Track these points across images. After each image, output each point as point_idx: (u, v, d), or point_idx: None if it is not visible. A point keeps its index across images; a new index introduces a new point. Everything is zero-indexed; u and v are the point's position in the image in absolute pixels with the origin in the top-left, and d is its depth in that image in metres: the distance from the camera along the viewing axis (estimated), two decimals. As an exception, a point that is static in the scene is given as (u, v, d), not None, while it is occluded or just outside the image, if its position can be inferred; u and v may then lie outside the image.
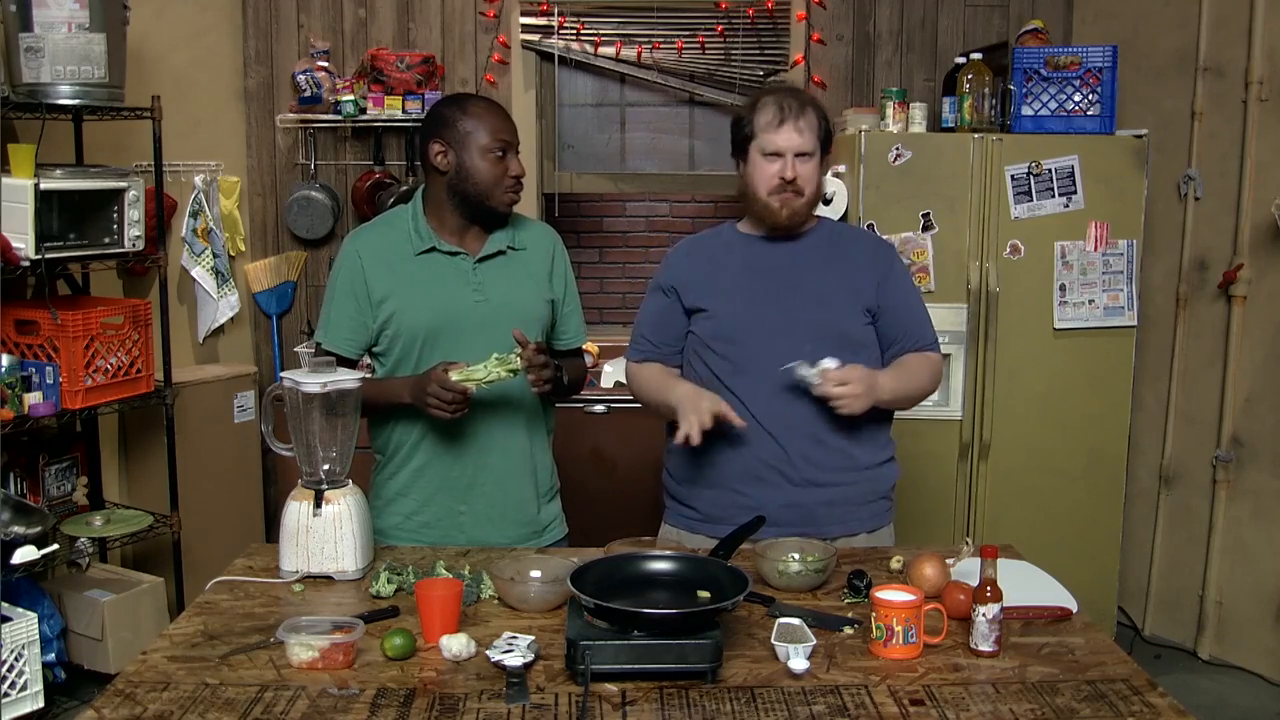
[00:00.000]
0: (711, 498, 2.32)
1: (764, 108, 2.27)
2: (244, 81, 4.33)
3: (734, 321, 2.30)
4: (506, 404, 2.31)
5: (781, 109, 2.25)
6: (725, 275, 2.34)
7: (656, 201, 5.01)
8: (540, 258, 2.38)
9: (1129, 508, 3.88)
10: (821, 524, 2.26)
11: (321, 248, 4.40)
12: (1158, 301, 3.96)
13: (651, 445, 3.83)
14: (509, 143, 2.27)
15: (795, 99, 2.28)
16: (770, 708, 1.58)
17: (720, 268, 2.35)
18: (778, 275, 2.32)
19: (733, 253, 2.37)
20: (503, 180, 2.26)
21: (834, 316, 2.29)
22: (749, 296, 2.31)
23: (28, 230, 2.98)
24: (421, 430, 2.31)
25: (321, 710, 1.56)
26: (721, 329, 2.31)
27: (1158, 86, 3.93)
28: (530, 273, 2.36)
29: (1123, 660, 1.76)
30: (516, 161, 2.28)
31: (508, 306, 2.29)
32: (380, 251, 2.30)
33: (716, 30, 4.29)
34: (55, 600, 3.26)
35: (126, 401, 3.34)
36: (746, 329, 2.28)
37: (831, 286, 2.32)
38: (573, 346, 2.48)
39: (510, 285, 2.32)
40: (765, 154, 2.26)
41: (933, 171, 3.57)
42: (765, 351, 2.25)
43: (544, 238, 2.42)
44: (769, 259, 2.34)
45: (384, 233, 2.34)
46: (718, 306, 2.32)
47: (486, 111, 2.28)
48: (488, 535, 2.32)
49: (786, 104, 2.26)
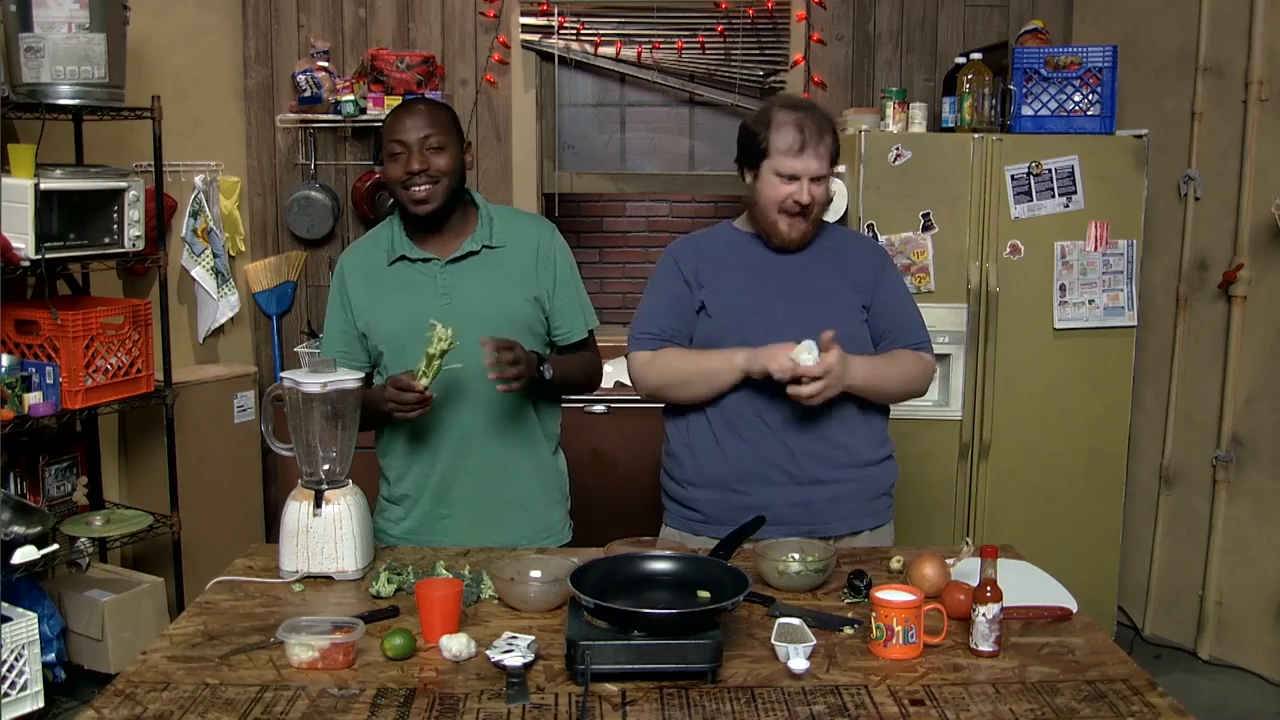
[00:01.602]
0: (714, 498, 2.32)
1: (783, 129, 2.22)
2: (244, 81, 4.33)
3: (738, 322, 2.30)
4: (483, 406, 2.29)
5: (803, 135, 2.21)
6: (729, 275, 2.34)
7: (656, 201, 5.01)
8: (523, 254, 2.33)
9: (1129, 508, 3.88)
10: (826, 521, 2.27)
11: (321, 248, 4.40)
12: (1158, 301, 3.96)
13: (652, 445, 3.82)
14: (402, 141, 2.21)
15: (814, 123, 2.23)
16: (770, 708, 1.58)
17: (724, 268, 2.35)
18: (780, 275, 2.32)
19: (735, 252, 2.37)
20: (399, 180, 2.23)
21: (835, 315, 2.29)
22: (752, 297, 2.31)
23: (28, 230, 2.97)
24: (408, 435, 2.32)
25: (321, 710, 1.56)
26: (725, 329, 2.30)
27: (1158, 86, 3.93)
28: (508, 271, 2.31)
29: (1123, 660, 1.76)
30: (417, 157, 2.20)
31: (477, 308, 2.25)
32: (361, 265, 2.34)
33: (716, 30, 4.28)
34: (55, 600, 3.26)
35: (126, 401, 3.34)
36: (751, 329, 2.27)
37: (831, 286, 2.33)
38: (571, 340, 2.41)
39: (481, 286, 2.28)
40: (779, 174, 2.24)
41: (933, 172, 3.57)
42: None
43: (530, 233, 2.36)
44: (770, 258, 2.34)
45: (367, 247, 2.37)
46: (722, 307, 2.32)
47: (394, 115, 2.27)
48: (471, 539, 2.32)
49: (808, 130, 2.21)
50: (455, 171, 2.26)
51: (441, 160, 2.23)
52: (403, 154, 2.22)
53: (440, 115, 2.27)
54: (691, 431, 2.35)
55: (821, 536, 2.17)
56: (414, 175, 2.21)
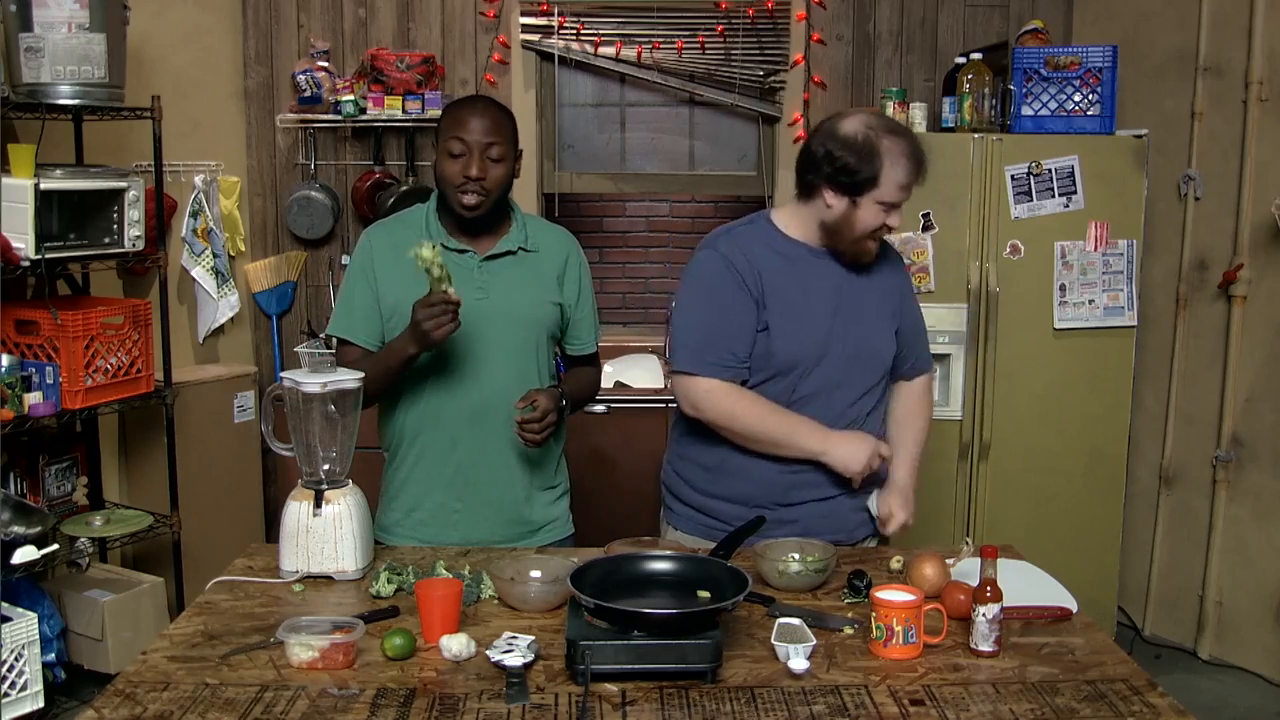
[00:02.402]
0: (744, 514, 2.24)
1: (898, 163, 2.16)
2: (244, 81, 4.32)
3: (804, 351, 2.24)
4: (504, 403, 2.30)
5: (919, 172, 2.19)
6: (791, 296, 2.25)
7: (656, 201, 5.00)
8: (553, 262, 2.38)
9: (1129, 508, 3.88)
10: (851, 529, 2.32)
11: (321, 248, 4.40)
12: (1158, 301, 3.96)
13: (652, 445, 3.84)
14: (465, 141, 2.21)
15: (924, 159, 2.20)
16: (770, 708, 1.58)
17: (785, 283, 2.25)
18: (839, 298, 2.28)
19: (793, 266, 2.27)
20: (454, 180, 2.23)
21: (874, 342, 2.30)
22: (818, 323, 2.25)
23: (28, 230, 2.97)
24: (418, 426, 2.32)
25: (321, 710, 1.56)
26: (789, 358, 2.24)
27: (1158, 86, 3.93)
28: (539, 275, 2.35)
29: (1123, 660, 1.76)
30: (477, 162, 2.20)
31: (510, 306, 2.29)
32: (393, 246, 2.29)
33: (716, 30, 4.28)
34: (55, 600, 3.26)
35: (126, 401, 3.34)
36: (813, 359, 2.24)
37: (872, 309, 2.31)
38: (585, 353, 2.48)
39: (515, 286, 2.31)
40: (883, 204, 2.18)
41: (933, 171, 3.47)
42: (818, 376, 2.24)
43: (560, 243, 2.41)
44: (820, 275, 2.27)
45: (399, 229, 2.34)
46: (787, 331, 2.24)
47: (458, 110, 2.26)
48: (482, 533, 2.32)
49: (924, 167, 2.20)
50: (506, 183, 2.28)
51: (498, 170, 2.23)
52: (463, 155, 2.21)
53: (507, 124, 2.27)
54: (725, 449, 2.30)
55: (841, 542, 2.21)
56: (470, 180, 2.21)
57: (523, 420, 2.19)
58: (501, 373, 2.29)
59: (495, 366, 2.29)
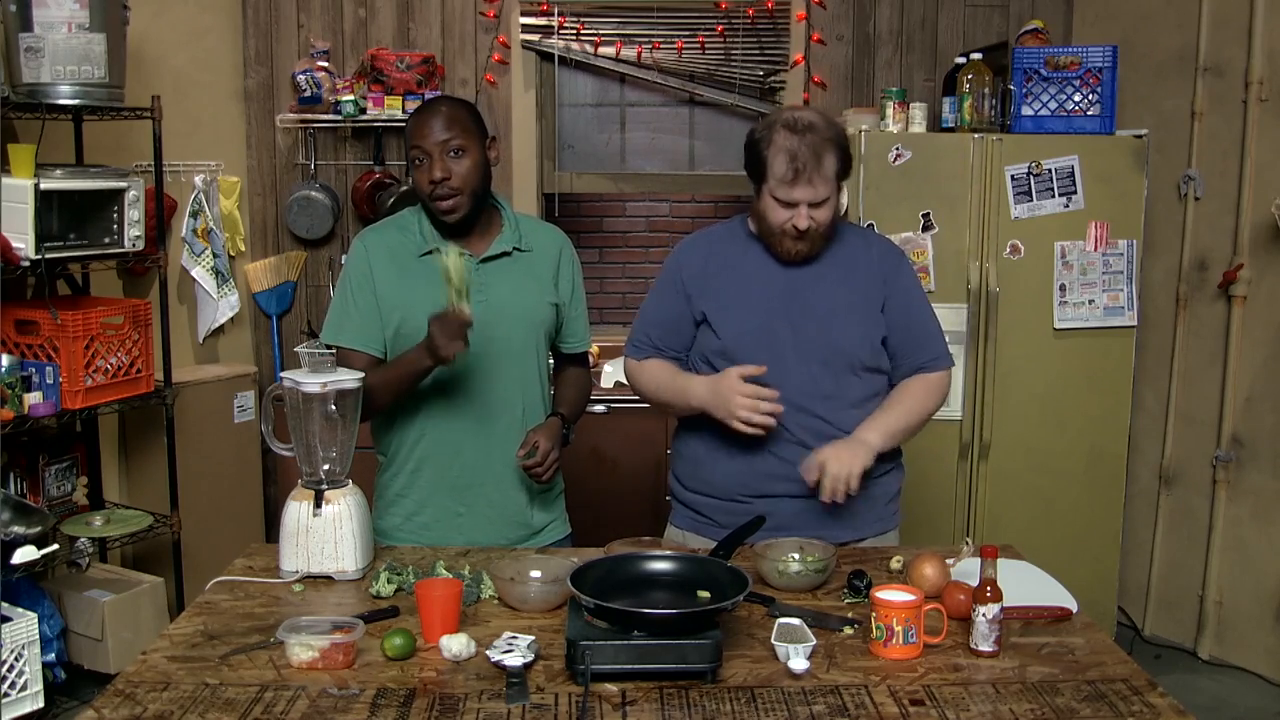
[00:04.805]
0: (720, 506, 2.31)
1: (778, 156, 2.13)
2: (244, 81, 4.33)
3: (742, 338, 2.26)
4: (507, 406, 2.31)
5: (795, 164, 2.12)
6: (735, 289, 2.29)
7: (656, 201, 5.01)
8: (547, 260, 2.37)
9: (1129, 508, 3.88)
10: (833, 529, 2.25)
11: (321, 248, 4.40)
12: (1158, 301, 3.96)
13: (652, 445, 3.85)
14: (421, 148, 2.19)
15: (811, 151, 2.12)
16: (770, 708, 1.58)
17: (733, 276, 2.30)
18: (788, 290, 2.27)
19: (745, 262, 2.31)
20: (425, 190, 2.21)
21: (839, 339, 2.26)
22: (758, 311, 2.27)
23: (28, 230, 2.98)
24: (420, 430, 2.31)
25: (321, 710, 1.56)
26: (729, 345, 2.27)
27: (1158, 86, 3.93)
28: (536, 275, 2.35)
29: (1123, 660, 1.76)
30: (438, 164, 2.18)
31: (510, 308, 2.29)
32: (390, 251, 2.29)
33: (716, 30, 4.29)
34: (55, 600, 3.26)
35: (126, 401, 3.34)
36: (755, 346, 2.24)
37: (841, 306, 2.27)
38: (578, 351, 2.48)
39: (514, 288, 2.31)
40: (776, 199, 2.18)
41: (933, 171, 3.57)
42: (772, 369, 2.20)
43: (552, 241, 2.41)
44: (778, 271, 2.28)
45: (392, 233, 2.33)
46: (726, 319, 2.28)
47: (411, 122, 2.24)
48: (486, 536, 2.32)
49: (801, 159, 2.12)
50: (479, 174, 2.23)
51: (463, 165, 2.20)
52: (425, 162, 2.19)
53: (459, 114, 2.23)
54: (699, 438, 2.33)
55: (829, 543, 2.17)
56: (438, 185, 2.19)
57: (527, 466, 2.23)
58: (504, 376, 2.29)
59: (498, 370, 2.29)
